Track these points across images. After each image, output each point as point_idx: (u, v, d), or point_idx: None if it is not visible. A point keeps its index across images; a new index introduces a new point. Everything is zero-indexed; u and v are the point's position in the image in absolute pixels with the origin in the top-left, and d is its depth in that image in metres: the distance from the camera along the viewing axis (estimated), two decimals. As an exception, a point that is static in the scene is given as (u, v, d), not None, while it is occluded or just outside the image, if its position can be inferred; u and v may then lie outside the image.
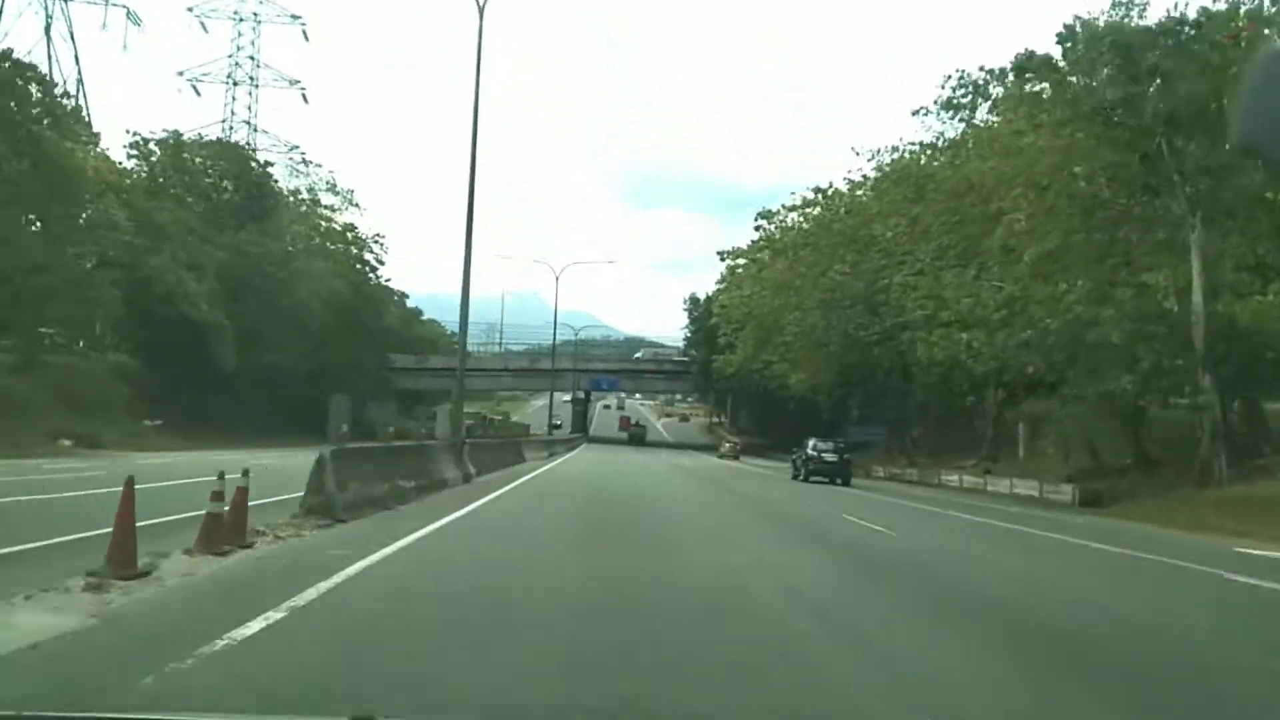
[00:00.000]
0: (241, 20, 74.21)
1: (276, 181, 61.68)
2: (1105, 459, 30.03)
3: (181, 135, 51.42)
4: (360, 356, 64.08)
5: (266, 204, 57.51)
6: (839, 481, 33.48)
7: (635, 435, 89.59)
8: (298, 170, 66.34)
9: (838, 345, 43.34)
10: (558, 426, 79.68)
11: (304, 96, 78.20)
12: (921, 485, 38.40)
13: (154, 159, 50.64)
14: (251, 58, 75.33)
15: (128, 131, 51.80)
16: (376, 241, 69.17)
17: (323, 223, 65.91)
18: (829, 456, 34.57)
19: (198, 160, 55.73)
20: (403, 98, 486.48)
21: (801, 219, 47.96)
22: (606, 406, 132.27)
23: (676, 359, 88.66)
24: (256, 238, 53.47)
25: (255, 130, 73.55)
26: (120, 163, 49.26)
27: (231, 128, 71.87)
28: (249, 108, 75.15)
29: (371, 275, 70.01)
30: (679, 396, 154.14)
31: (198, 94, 73.65)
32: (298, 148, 68.74)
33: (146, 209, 44.67)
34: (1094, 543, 15.90)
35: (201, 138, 56.22)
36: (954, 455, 45.05)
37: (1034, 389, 36.85)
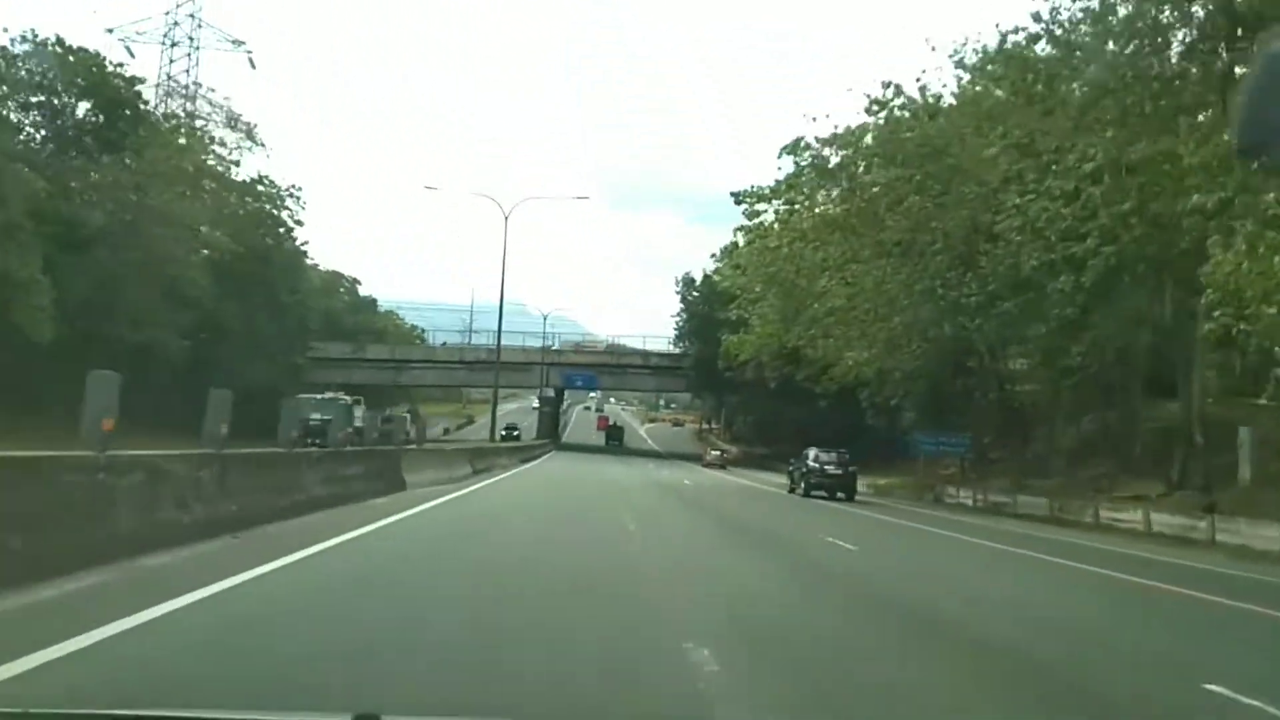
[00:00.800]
0: (181, -26, 62.29)
1: (148, 103, 47.24)
2: None
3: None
4: (269, 340, 50.14)
5: (127, 130, 43.12)
6: (841, 496, 30.70)
7: (613, 434, 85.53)
8: (179, 92, 51.60)
9: (926, 314, 29.00)
10: (514, 435, 63.89)
11: (250, 61, 66.65)
12: (1064, 525, 24.43)
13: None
14: (192, 15, 64.43)
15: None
16: (291, 195, 54.49)
17: (215, 164, 50.85)
18: (832, 469, 31.42)
19: (27, 67, 41.44)
20: (387, 93, 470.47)
21: (847, 146, 33.40)
22: (586, 409, 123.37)
23: (663, 353, 74.62)
24: (99, 168, 39.17)
25: (193, 98, 60.31)
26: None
27: (167, 94, 60.12)
28: (188, 71, 63.76)
29: (287, 238, 55.30)
30: (662, 402, 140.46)
31: (131, 55, 59.99)
32: (241, 117, 54.76)
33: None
34: None
35: (36, 36, 41.71)
36: (1071, 475, 31.30)
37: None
